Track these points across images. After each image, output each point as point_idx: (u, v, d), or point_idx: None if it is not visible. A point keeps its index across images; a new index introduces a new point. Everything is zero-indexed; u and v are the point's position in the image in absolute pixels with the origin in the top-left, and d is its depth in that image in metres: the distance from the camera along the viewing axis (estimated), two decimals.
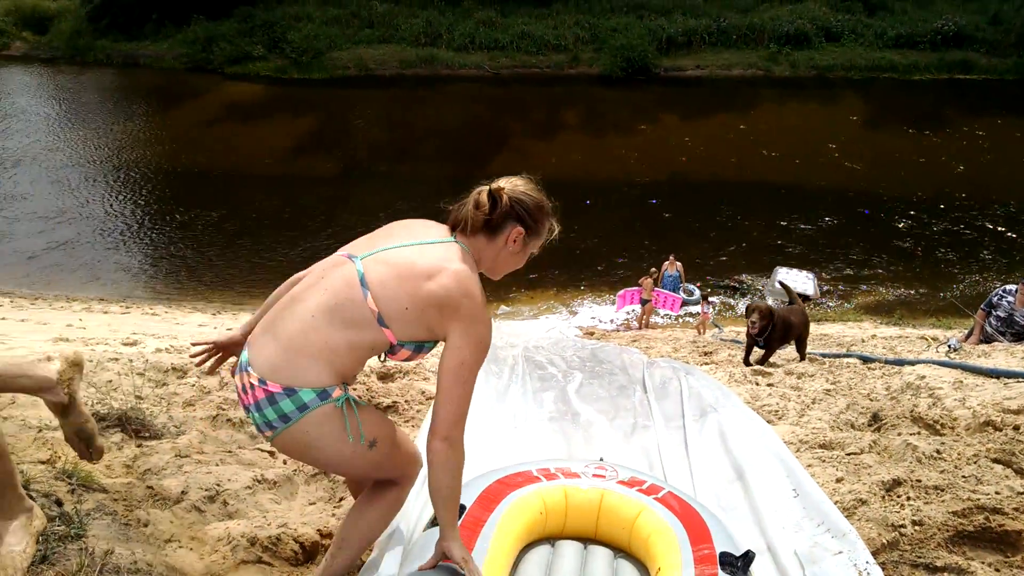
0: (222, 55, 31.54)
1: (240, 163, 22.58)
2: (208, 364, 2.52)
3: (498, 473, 2.75)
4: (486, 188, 2.21)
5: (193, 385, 4.57)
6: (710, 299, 14.64)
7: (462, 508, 2.38)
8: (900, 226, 18.43)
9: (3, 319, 10.83)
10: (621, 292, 14.67)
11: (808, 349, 7.49)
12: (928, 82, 29.75)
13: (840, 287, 15.85)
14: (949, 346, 6.41)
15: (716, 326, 13.88)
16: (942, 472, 3.49)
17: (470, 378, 1.99)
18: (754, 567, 2.45)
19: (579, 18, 32.95)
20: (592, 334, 13.04)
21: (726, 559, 2.29)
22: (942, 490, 3.23)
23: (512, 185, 2.25)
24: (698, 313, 14.37)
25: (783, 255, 16.71)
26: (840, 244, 17.61)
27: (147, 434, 3.51)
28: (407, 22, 32.83)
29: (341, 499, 3.20)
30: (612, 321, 15.07)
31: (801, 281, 13.77)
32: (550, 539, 2.65)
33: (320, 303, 2.01)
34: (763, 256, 16.81)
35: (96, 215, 19.43)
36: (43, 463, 2.95)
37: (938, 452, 3.75)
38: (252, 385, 2.02)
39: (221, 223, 19.05)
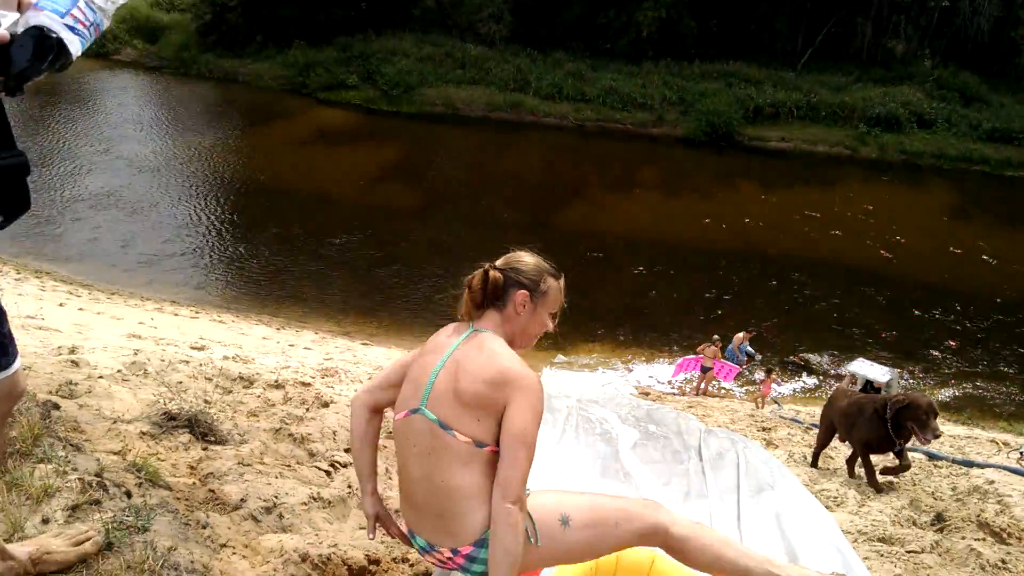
0: (318, 80, 32.56)
1: (322, 186, 23.14)
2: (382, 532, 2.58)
3: None
4: (479, 272, 2.32)
5: (259, 396, 4.68)
6: (773, 375, 14.35)
7: None
8: (976, 324, 17.86)
9: (80, 309, 11.25)
10: (680, 360, 14.52)
11: None
12: (1022, 179, 28.99)
13: (909, 379, 15.40)
14: (1021, 453, 6.19)
15: (776, 402, 13.61)
16: None
17: (533, 441, 2.07)
18: None
19: (668, 79, 33.11)
20: (647, 394, 12.89)
21: None
22: None
23: (503, 259, 2.41)
24: (758, 383, 14.11)
25: (852, 340, 16.33)
26: (913, 335, 17.13)
27: (213, 438, 3.60)
28: (498, 67, 33.45)
29: None
30: (670, 383, 14.90)
31: (881, 373, 13.30)
32: None
33: (432, 468, 2.10)
34: (830, 338, 16.45)
35: (180, 220, 20.10)
36: (115, 454, 3.05)
37: (1003, 562, 3.62)
38: (449, 557, 2.16)
39: (296, 242, 19.50)
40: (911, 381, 15.33)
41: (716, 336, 14.42)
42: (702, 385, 14.39)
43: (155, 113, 29.82)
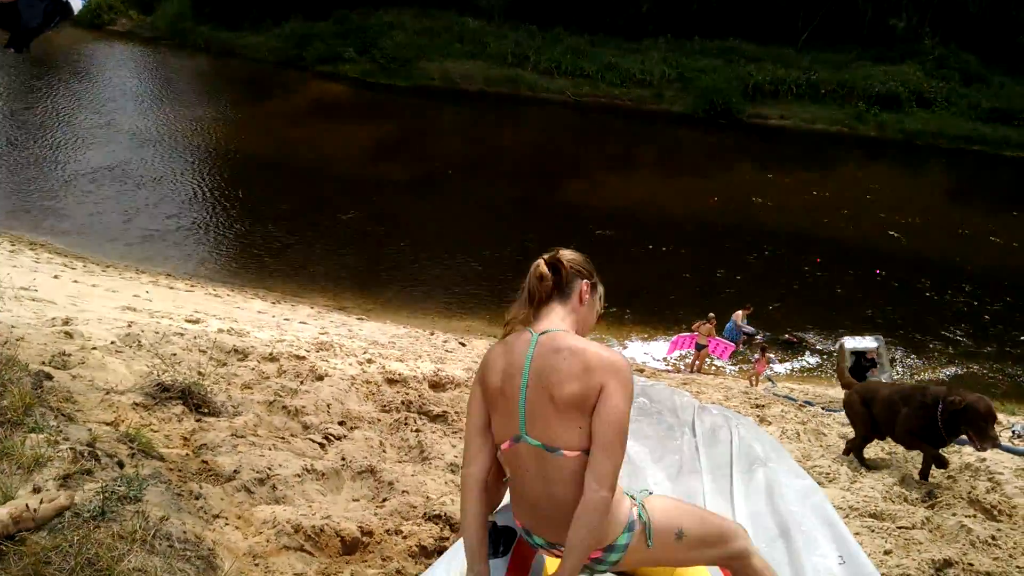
0: (314, 53, 32.27)
1: (318, 160, 23.01)
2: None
3: None
4: (542, 261, 2.22)
5: (253, 369, 4.67)
6: (768, 353, 14.36)
7: (514, 533, 2.41)
8: (972, 303, 17.89)
9: (75, 282, 11.21)
10: (675, 337, 14.51)
11: None
12: (1020, 159, 28.91)
13: (903, 358, 15.45)
14: (1013, 431, 6.21)
15: (770, 380, 13.65)
16: (995, 559, 3.39)
17: (627, 428, 2.02)
18: None
19: (668, 56, 32.85)
20: (642, 371, 12.93)
21: None
22: None
23: (560, 251, 2.29)
24: (752, 361, 14.15)
25: (847, 318, 16.34)
26: (908, 314, 17.16)
27: (206, 410, 3.60)
28: (496, 41, 33.17)
29: (384, 499, 3.23)
30: (665, 360, 14.93)
31: (869, 342, 13.17)
32: None
33: (551, 486, 2.06)
34: (825, 316, 16.47)
35: (173, 194, 20.00)
36: (108, 424, 3.05)
37: (993, 538, 3.64)
38: None
39: (292, 216, 19.42)
40: (914, 359, 15.40)
41: (711, 314, 14.42)
42: (697, 363, 14.42)
43: (152, 86, 29.61)
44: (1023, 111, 30.13)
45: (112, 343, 4.65)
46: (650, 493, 2.24)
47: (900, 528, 3.70)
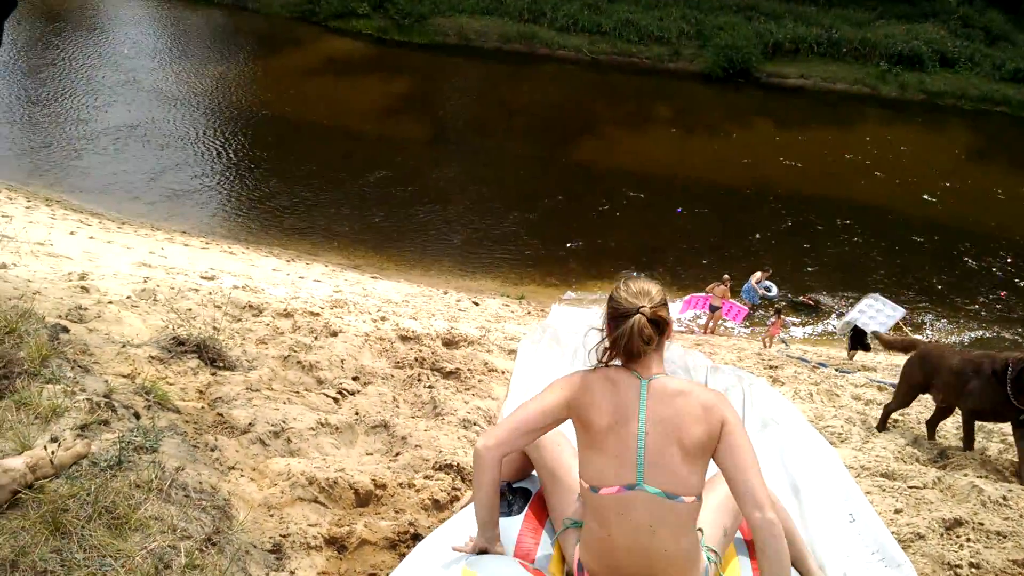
0: (328, 9, 31.94)
1: (332, 117, 22.91)
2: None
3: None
4: (645, 319, 2.12)
5: (267, 324, 4.70)
6: (782, 315, 14.30)
7: (529, 493, 2.48)
8: (992, 267, 17.74)
9: (91, 238, 11.27)
10: (687, 297, 14.46)
11: (878, 377, 7.30)
12: None
13: (920, 321, 15.37)
14: None
15: (784, 342, 13.62)
16: (1006, 519, 3.39)
17: (752, 446, 2.05)
18: None
19: (686, 12, 32.30)
20: None
21: None
22: (1004, 536, 3.14)
23: (629, 292, 2.22)
24: (768, 324, 14.11)
25: (863, 280, 16.23)
26: (927, 277, 17.04)
27: (221, 364, 3.62)
28: None
29: (398, 453, 3.27)
30: (679, 321, 14.90)
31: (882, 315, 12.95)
32: None
33: (654, 538, 2.04)
34: (843, 278, 16.38)
35: (185, 150, 19.99)
36: (124, 377, 3.07)
37: (1004, 499, 3.65)
38: None
39: (306, 173, 19.40)
40: (925, 322, 15.31)
41: (726, 275, 14.36)
42: (711, 324, 14.40)
43: (167, 41, 29.38)
44: None
45: (128, 297, 4.69)
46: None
47: (911, 488, 3.71)
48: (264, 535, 2.47)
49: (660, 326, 2.15)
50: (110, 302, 4.36)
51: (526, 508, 2.46)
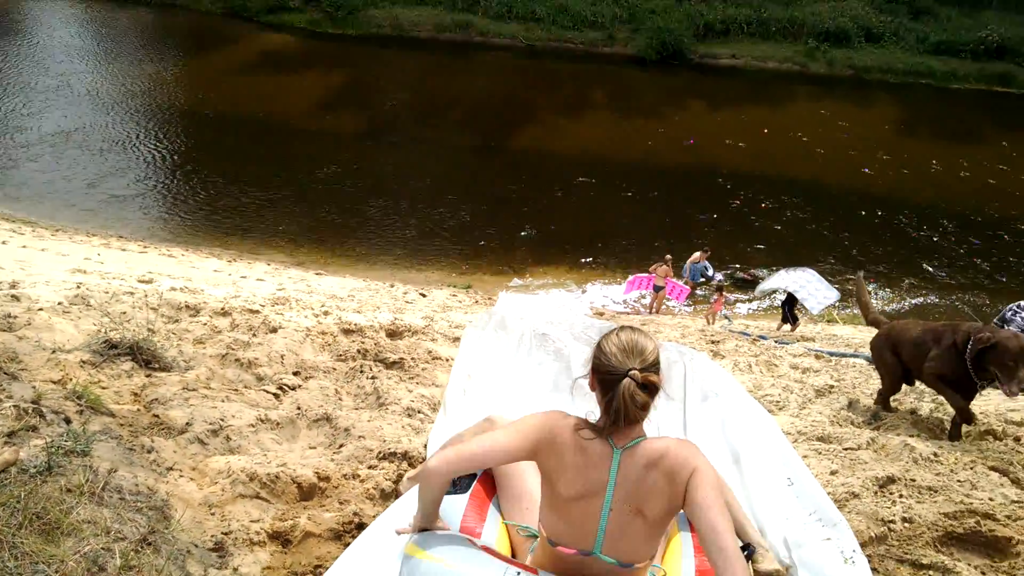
0: (259, 3, 31.42)
1: (268, 114, 22.57)
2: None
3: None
4: (636, 386, 2.00)
5: (205, 324, 4.63)
6: (724, 292, 14.53)
7: (474, 474, 2.51)
8: (920, 235, 18.26)
9: (24, 247, 10.95)
10: (631, 277, 14.61)
11: (815, 346, 7.46)
12: (966, 92, 29.29)
13: (852, 289, 15.77)
14: None
15: (727, 318, 13.86)
16: (937, 474, 3.52)
17: (723, 505, 1.98)
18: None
19: None
20: (602, 314, 13.06)
21: None
22: (935, 491, 3.26)
23: (642, 359, 2.04)
24: (711, 301, 14.33)
25: (799, 254, 16.60)
26: (857, 248, 17.49)
27: (157, 365, 3.57)
28: None
29: (341, 445, 3.26)
30: (624, 302, 15.06)
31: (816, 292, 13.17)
32: None
33: None
34: (780, 252, 16.70)
35: (122, 154, 19.51)
36: (55, 383, 3.01)
37: (935, 455, 3.78)
38: None
39: (245, 172, 19.09)
40: (879, 291, 15.69)
41: (668, 255, 14.54)
42: (655, 304, 14.57)
43: (97, 44, 28.54)
44: (969, 43, 30.44)
45: (59, 304, 4.58)
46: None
47: (846, 449, 3.82)
48: (205, 534, 2.45)
49: (652, 391, 2.03)
50: (40, 309, 4.25)
51: (472, 486, 2.47)
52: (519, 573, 2.00)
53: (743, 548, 2.36)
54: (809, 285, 12.76)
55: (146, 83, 24.28)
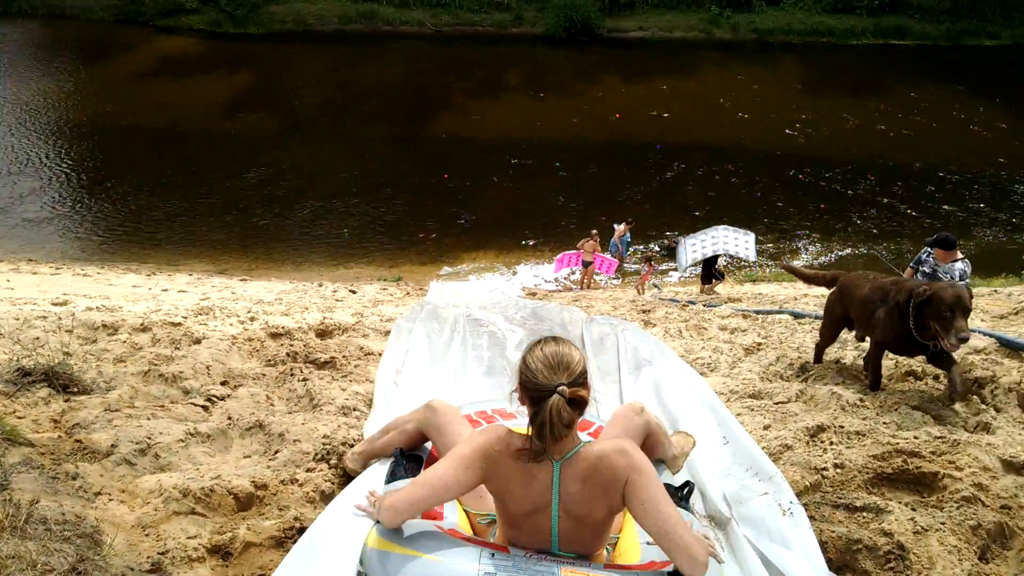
0: (153, 7, 30.47)
1: (173, 120, 21.94)
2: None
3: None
4: (562, 401, 2.00)
5: (124, 342, 4.48)
6: (652, 262, 14.76)
7: (421, 459, 2.71)
8: (834, 189, 18.83)
9: None
10: (560, 255, 14.73)
11: (742, 306, 7.62)
12: (864, 47, 30.23)
13: (776, 246, 16.18)
14: None
15: (656, 286, 14.08)
16: (864, 419, 3.63)
17: (667, 502, 2.03)
18: (685, 510, 2.54)
19: None
20: (534, 294, 13.12)
21: (668, 490, 2.36)
22: (863, 435, 3.36)
23: (568, 372, 2.04)
24: (641, 272, 14.53)
25: (719, 217, 16.95)
26: (776, 206, 17.94)
27: (75, 389, 3.43)
28: None
29: (276, 451, 3.19)
30: (556, 280, 15.17)
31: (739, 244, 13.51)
32: None
33: None
34: (701, 217, 17.03)
35: (21, 174, 18.75)
36: None
37: (861, 400, 3.90)
38: None
39: (153, 182, 18.55)
40: (779, 248, 16.09)
41: (594, 231, 14.67)
42: (585, 279, 14.70)
43: None
44: (864, 1, 31.37)
45: None
46: None
47: (777, 404, 3.92)
48: (141, 556, 2.37)
49: (580, 405, 2.05)
50: None
51: (420, 471, 2.57)
52: (493, 553, 2.07)
53: (682, 487, 2.58)
54: (730, 241, 13.07)
55: (41, 99, 23.37)
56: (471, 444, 2.16)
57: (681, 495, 2.55)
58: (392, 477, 2.57)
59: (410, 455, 2.73)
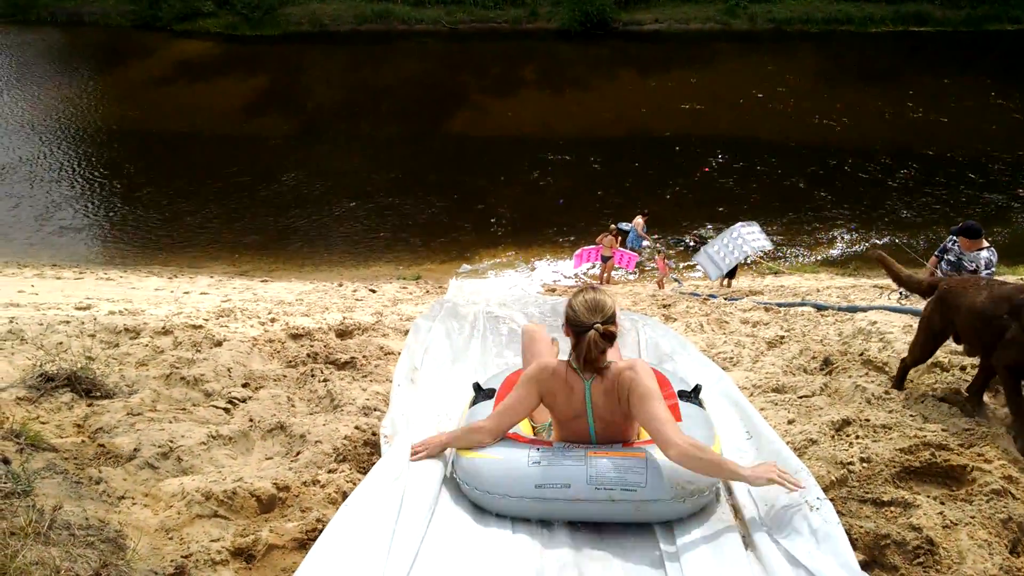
0: (171, 12, 30.71)
1: (192, 123, 22.09)
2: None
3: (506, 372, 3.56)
4: (597, 336, 2.67)
5: (146, 345, 4.50)
6: (662, 255, 14.64)
7: (491, 391, 3.24)
8: (857, 179, 18.64)
9: None
10: (579, 251, 14.68)
11: (763, 299, 7.53)
12: (884, 35, 29.92)
13: (797, 238, 16.04)
14: (901, 292, 6.52)
15: (676, 280, 13.99)
16: (890, 412, 3.58)
17: (659, 399, 2.65)
18: (712, 509, 2.57)
19: None
20: (554, 290, 13.08)
21: (682, 394, 3.18)
22: (890, 428, 3.31)
23: (602, 314, 2.72)
24: (657, 267, 14.44)
25: (742, 210, 16.82)
26: (798, 197, 17.78)
27: (98, 394, 3.45)
28: None
29: (298, 453, 3.19)
30: (575, 276, 15.12)
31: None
32: None
33: None
34: (721, 211, 16.92)
35: (45, 179, 18.95)
36: None
37: (887, 392, 3.85)
38: None
39: (174, 185, 18.69)
40: (802, 239, 15.95)
41: (613, 225, 14.61)
42: (605, 275, 14.64)
43: (6, 72, 27.57)
44: None
45: None
46: None
47: (801, 398, 3.87)
48: (164, 559, 2.37)
49: (610, 338, 2.70)
50: None
51: (496, 392, 3.23)
52: (539, 449, 2.73)
53: (693, 389, 3.27)
54: (747, 239, 13.00)
55: (64, 105, 23.61)
56: (528, 374, 2.84)
57: (690, 393, 3.21)
58: (473, 403, 3.23)
59: (487, 390, 3.30)
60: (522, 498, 2.66)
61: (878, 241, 15.77)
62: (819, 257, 15.33)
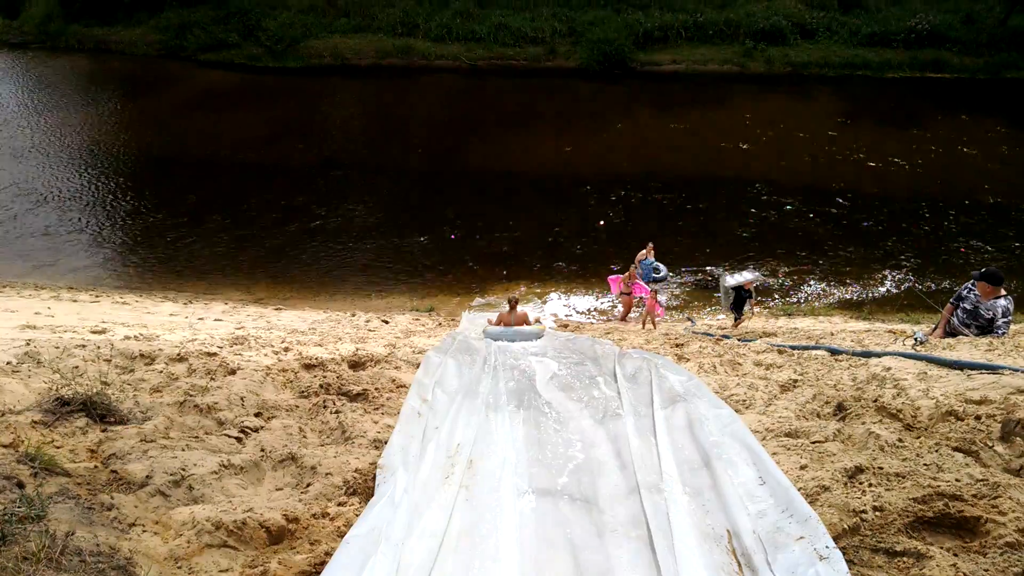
0: (196, 42, 31.21)
1: (214, 152, 22.36)
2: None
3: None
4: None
5: (160, 371, 4.53)
6: (655, 293, 14.41)
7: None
8: (872, 223, 18.59)
9: None
10: (611, 276, 14.66)
11: (777, 341, 7.50)
12: (901, 80, 30.02)
13: (811, 280, 15.98)
14: (916, 339, 6.47)
15: (690, 319, 13.92)
16: (904, 460, 3.54)
17: None
18: (716, 550, 2.52)
19: (557, 11, 32.97)
20: (566, 326, 13.06)
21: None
22: (903, 477, 3.28)
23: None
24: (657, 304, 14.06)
25: (754, 250, 16.81)
26: (812, 240, 17.74)
27: (112, 419, 3.48)
28: (383, 12, 32.66)
29: (308, 485, 3.20)
30: (588, 312, 15.07)
31: (746, 274, 13.62)
32: None
33: None
34: (735, 251, 16.89)
35: (67, 203, 19.18)
36: (5, 447, 2.91)
37: (900, 440, 3.81)
38: None
39: (194, 213, 18.85)
40: (815, 282, 15.90)
41: (640, 256, 14.69)
42: (648, 318, 14.14)
43: (32, 95, 28.10)
44: (900, 33, 31.21)
45: (8, 363, 4.45)
46: None
47: (814, 443, 3.85)
48: None
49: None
50: None
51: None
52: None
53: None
54: (736, 275, 13.24)
55: (88, 131, 23.96)
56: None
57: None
58: None
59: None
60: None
61: (894, 289, 15.68)
62: (833, 300, 15.25)
